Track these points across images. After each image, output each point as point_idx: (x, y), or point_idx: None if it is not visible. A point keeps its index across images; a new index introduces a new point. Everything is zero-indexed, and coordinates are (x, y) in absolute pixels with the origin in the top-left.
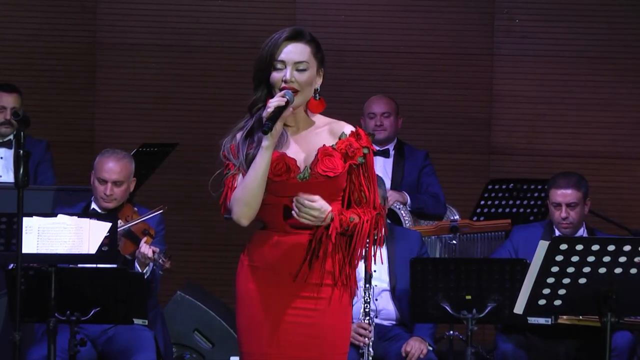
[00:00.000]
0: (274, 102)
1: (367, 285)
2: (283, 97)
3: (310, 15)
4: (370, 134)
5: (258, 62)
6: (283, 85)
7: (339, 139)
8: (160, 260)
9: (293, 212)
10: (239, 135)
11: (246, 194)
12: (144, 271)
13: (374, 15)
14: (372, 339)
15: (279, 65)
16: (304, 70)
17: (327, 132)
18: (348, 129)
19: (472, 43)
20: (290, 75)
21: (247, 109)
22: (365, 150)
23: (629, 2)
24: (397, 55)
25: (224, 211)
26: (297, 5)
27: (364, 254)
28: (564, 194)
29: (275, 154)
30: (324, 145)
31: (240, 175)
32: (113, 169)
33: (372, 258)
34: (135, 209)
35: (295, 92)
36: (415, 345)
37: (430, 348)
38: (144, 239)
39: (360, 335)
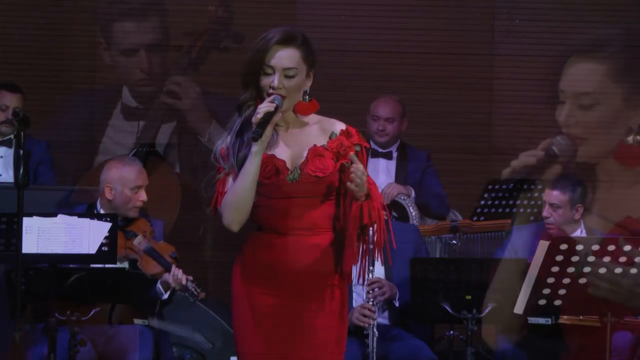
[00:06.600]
0: (263, 108)
1: (372, 268)
2: (272, 102)
3: (310, 15)
4: (362, 131)
5: (248, 63)
6: (271, 91)
7: (330, 138)
8: (192, 289)
9: (352, 175)
10: (229, 138)
11: (236, 199)
12: (165, 293)
13: (374, 15)
14: (377, 319)
15: (268, 70)
16: (292, 76)
17: (317, 130)
18: (338, 127)
19: (472, 43)
20: (279, 82)
21: (236, 109)
22: (357, 148)
23: (628, 2)
24: (397, 55)
25: (214, 214)
26: (297, 5)
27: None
28: (549, 193)
29: (264, 156)
30: (314, 145)
31: (231, 178)
32: (143, 174)
33: (380, 255)
34: (148, 223)
35: (282, 97)
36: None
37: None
38: (174, 264)
39: (365, 316)
